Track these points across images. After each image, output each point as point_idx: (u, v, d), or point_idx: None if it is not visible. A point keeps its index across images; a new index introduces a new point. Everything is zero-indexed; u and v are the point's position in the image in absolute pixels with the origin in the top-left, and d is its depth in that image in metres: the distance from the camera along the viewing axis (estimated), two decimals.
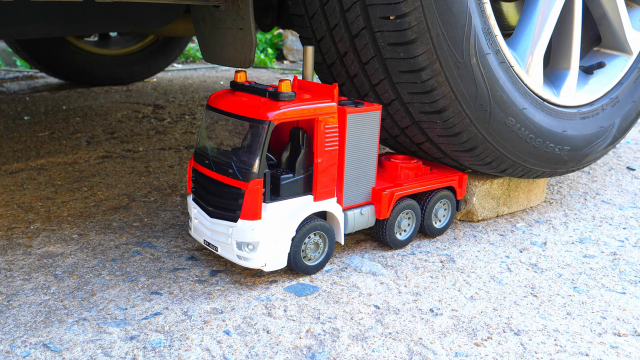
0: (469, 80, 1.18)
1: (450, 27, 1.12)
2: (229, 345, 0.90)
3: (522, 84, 1.28)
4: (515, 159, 1.32)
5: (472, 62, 1.16)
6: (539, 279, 1.15)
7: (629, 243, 1.35)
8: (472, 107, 1.20)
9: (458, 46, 1.14)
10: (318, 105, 1.05)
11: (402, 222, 1.24)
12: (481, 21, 1.17)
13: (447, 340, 0.93)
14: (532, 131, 1.31)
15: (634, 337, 0.96)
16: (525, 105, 1.28)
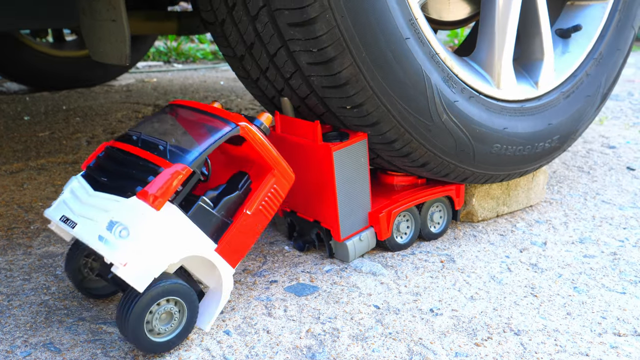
0: (445, 136, 1.16)
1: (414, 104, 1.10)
2: (229, 345, 0.90)
3: (497, 104, 1.24)
4: (511, 172, 1.34)
5: (442, 119, 1.14)
6: (539, 279, 1.15)
7: (629, 243, 1.35)
8: (454, 154, 1.19)
9: (423, 113, 1.11)
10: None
11: (401, 225, 1.24)
12: (440, 75, 1.13)
13: (447, 340, 0.93)
14: (518, 143, 1.28)
15: (634, 337, 0.96)
16: (506, 124, 1.25)
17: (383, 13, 1.01)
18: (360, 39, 0.99)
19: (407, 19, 1.05)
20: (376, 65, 1.02)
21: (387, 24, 1.02)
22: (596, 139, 2.39)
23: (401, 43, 1.04)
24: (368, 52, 1.01)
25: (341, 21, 0.97)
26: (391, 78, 1.05)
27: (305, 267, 1.17)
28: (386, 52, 1.03)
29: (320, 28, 0.97)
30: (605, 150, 2.20)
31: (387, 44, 1.02)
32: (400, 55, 1.05)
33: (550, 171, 1.88)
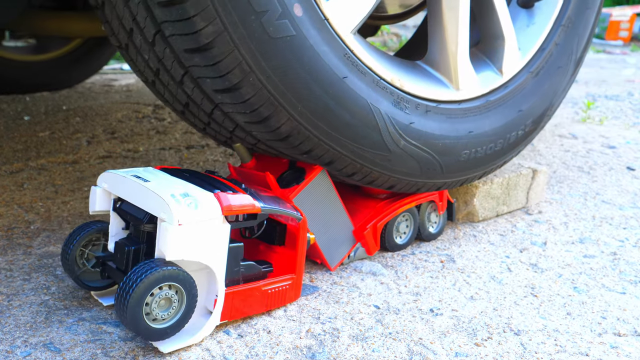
0: (407, 161, 1.11)
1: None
2: (229, 345, 0.90)
3: (459, 108, 1.17)
4: (487, 169, 1.29)
5: (400, 146, 1.08)
6: (539, 279, 1.15)
7: (629, 243, 1.34)
8: (420, 174, 1.15)
9: (378, 146, 1.06)
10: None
11: (400, 225, 1.24)
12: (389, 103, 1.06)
13: (447, 340, 0.93)
14: (488, 142, 1.23)
15: (634, 337, 0.96)
16: (471, 127, 1.19)
17: (313, 62, 0.94)
18: (293, 94, 0.93)
19: (341, 55, 0.98)
20: (316, 115, 0.97)
21: (320, 71, 0.95)
22: (596, 139, 2.39)
23: (340, 85, 0.98)
24: (305, 105, 0.95)
25: (267, 82, 0.91)
26: (336, 123, 0.99)
27: (305, 267, 1.16)
28: (325, 100, 0.97)
29: (247, 92, 0.91)
30: (605, 150, 2.20)
31: (325, 92, 0.96)
32: (341, 98, 0.98)
33: (550, 171, 1.88)
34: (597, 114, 3.02)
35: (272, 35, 0.89)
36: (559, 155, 2.09)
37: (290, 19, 0.90)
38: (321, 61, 0.95)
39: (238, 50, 0.87)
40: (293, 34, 0.90)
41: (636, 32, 10.26)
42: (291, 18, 0.90)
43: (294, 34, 0.90)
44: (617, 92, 3.89)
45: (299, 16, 0.91)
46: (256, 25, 0.87)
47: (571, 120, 2.77)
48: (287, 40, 0.90)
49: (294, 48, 0.91)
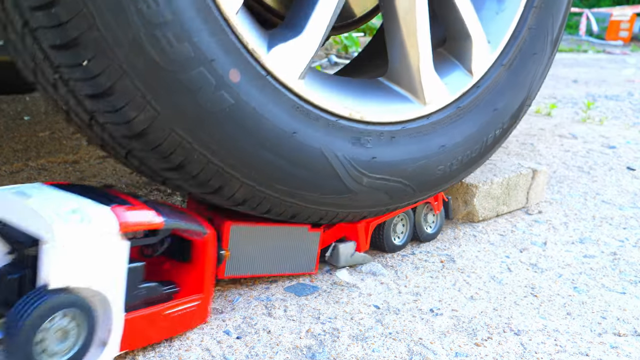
0: (374, 194, 1.07)
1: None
2: (229, 345, 0.90)
3: (428, 123, 1.10)
4: (467, 174, 1.24)
5: (364, 183, 1.03)
6: (539, 279, 1.15)
7: (629, 243, 1.35)
8: (392, 201, 1.11)
9: (340, 190, 1.02)
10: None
11: (397, 226, 1.24)
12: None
13: (447, 340, 0.93)
14: (463, 151, 1.16)
15: (634, 337, 0.96)
16: (442, 141, 1.12)
17: (257, 126, 0.88)
18: (242, 163, 0.89)
19: (289, 108, 0.92)
20: (271, 178, 0.93)
21: (267, 134, 0.89)
22: (596, 139, 2.39)
23: (290, 142, 0.92)
24: (257, 171, 0.91)
25: (213, 156, 0.87)
26: (294, 183, 0.95)
27: None
28: (277, 162, 0.92)
29: (194, 168, 0.87)
30: (605, 150, 2.20)
31: (275, 154, 0.91)
32: (294, 155, 0.93)
33: (550, 171, 1.88)
34: (597, 114, 3.02)
35: (210, 109, 0.83)
36: (559, 155, 2.09)
37: (227, 88, 0.84)
38: (266, 122, 0.89)
39: (175, 132, 0.83)
40: (232, 102, 0.85)
41: (636, 32, 10.26)
42: (228, 87, 0.84)
43: (232, 102, 0.85)
44: (617, 92, 3.89)
45: (236, 82, 0.85)
46: (191, 104, 0.82)
47: (571, 120, 2.77)
48: (227, 110, 0.85)
49: (235, 117, 0.86)
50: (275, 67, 0.90)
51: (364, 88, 1.08)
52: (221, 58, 0.82)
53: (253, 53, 0.87)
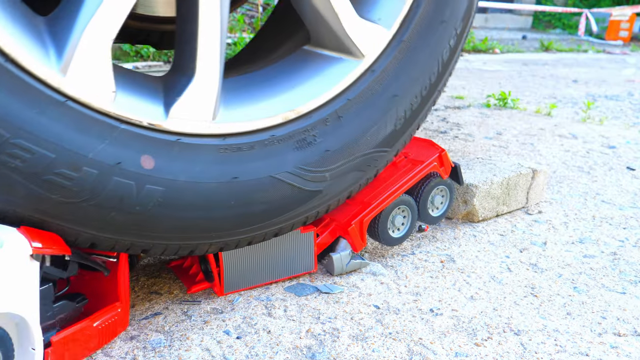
0: (341, 182, 1.01)
1: None
2: (229, 345, 0.90)
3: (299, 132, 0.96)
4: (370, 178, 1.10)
5: (328, 178, 0.99)
6: (539, 279, 1.15)
7: (629, 243, 1.35)
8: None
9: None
10: None
11: (397, 218, 1.20)
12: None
13: (447, 340, 0.93)
14: (414, 94, 1.05)
15: (634, 337, 0.96)
16: (395, 89, 1.02)
17: (191, 199, 0.87)
18: (198, 234, 0.90)
19: (216, 153, 0.88)
20: (237, 226, 0.93)
21: (205, 198, 0.88)
22: (596, 139, 2.39)
23: (235, 187, 0.89)
24: (216, 231, 0.91)
25: (188, 240, 0.89)
26: (258, 219, 0.94)
27: None
28: (232, 212, 0.91)
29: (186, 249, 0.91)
30: (605, 150, 2.20)
31: (227, 208, 0.90)
32: (245, 197, 0.91)
33: (550, 171, 1.88)
34: (597, 114, 3.02)
35: (150, 210, 0.83)
36: (559, 155, 2.09)
37: (148, 179, 0.82)
38: (199, 186, 0.86)
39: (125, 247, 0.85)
40: (162, 190, 0.83)
41: (636, 32, 10.26)
42: (147, 177, 0.82)
43: (163, 190, 0.83)
44: (617, 92, 3.89)
45: (151, 168, 0.82)
46: (123, 213, 0.82)
47: (571, 120, 2.77)
48: (162, 201, 0.83)
49: (175, 203, 0.85)
50: (183, 126, 0.84)
51: (287, 73, 0.99)
52: (127, 160, 0.79)
53: (152, 127, 0.82)
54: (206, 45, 0.85)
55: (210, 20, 0.84)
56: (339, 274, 1.13)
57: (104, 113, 0.78)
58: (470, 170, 1.48)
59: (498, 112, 2.89)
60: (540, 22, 12.67)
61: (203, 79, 0.86)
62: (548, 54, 7.17)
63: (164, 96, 0.85)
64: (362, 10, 1.01)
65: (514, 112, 2.90)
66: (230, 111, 0.90)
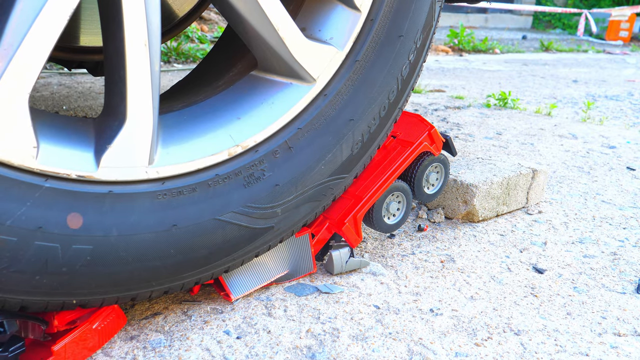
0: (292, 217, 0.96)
1: None
2: (229, 345, 0.90)
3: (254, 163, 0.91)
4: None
5: (279, 214, 0.94)
6: (539, 279, 1.15)
7: (629, 243, 1.35)
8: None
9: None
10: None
11: (391, 205, 1.17)
12: None
13: (447, 340, 0.93)
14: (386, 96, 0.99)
15: (634, 337, 0.96)
16: (350, 113, 0.97)
17: (135, 251, 0.81)
18: (144, 282, 0.85)
19: (150, 202, 0.82)
20: (179, 271, 0.88)
21: (146, 249, 0.82)
22: (596, 139, 2.39)
23: (174, 235, 0.84)
24: (156, 280, 0.86)
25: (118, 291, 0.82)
26: (203, 263, 0.89)
27: None
28: (173, 260, 0.86)
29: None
30: (605, 150, 2.20)
31: (165, 258, 0.85)
32: (188, 244, 0.85)
33: (550, 171, 1.88)
34: (597, 114, 3.02)
35: (78, 269, 0.78)
36: (559, 155, 2.09)
37: (77, 239, 0.76)
38: (137, 237, 0.80)
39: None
40: (91, 248, 0.77)
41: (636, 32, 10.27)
42: (77, 238, 0.76)
43: (91, 248, 0.77)
44: (617, 92, 3.89)
45: (78, 227, 0.76)
46: (49, 277, 0.76)
47: (571, 120, 2.77)
48: (91, 259, 0.78)
49: (106, 260, 0.80)
50: (116, 175, 0.78)
51: (233, 103, 0.93)
52: (51, 222, 0.73)
53: (81, 179, 0.76)
54: (136, 87, 0.78)
55: (139, 59, 0.77)
56: (338, 272, 1.13)
57: (25, 171, 0.70)
58: (470, 170, 1.48)
59: (498, 112, 2.89)
60: (540, 22, 12.67)
61: (135, 122, 0.78)
62: (548, 54, 7.17)
63: (94, 143, 0.78)
64: (311, 30, 0.96)
65: (514, 112, 2.90)
66: (169, 152, 0.83)
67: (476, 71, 4.85)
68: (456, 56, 6.28)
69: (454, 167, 1.49)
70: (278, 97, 0.93)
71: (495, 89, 3.77)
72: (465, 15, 11.38)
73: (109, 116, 0.80)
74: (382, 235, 1.33)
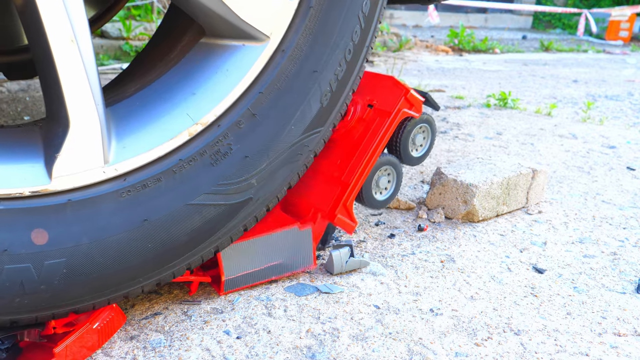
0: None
1: None
2: (229, 345, 0.90)
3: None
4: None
5: (254, 186, 0.90)
6: (539, 279, 1.15)
7: (629, 243, 1.35)
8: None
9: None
10: None
11: (381, 180, 1.14)
12: None
13: (447, 340, 0.93)
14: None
15: (634, 337, 0.96)
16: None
17: (113, 253, 0.80)
18: (108, 284, 0.82)
19: (114, 200, 0.79)
20: (171, 250, 0.86)
21: (116, 250, 0.80)
22: (596, 139, 2.39)
23: (145, 229, 0.81)
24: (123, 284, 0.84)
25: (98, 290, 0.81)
26: (189, 246, 0.88)
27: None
28: (156, 249, 0.84)
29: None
30: (605, 150, 2.20)
31: (144, 253, 0.83)
32: (167, 240, 0.84)
33: (550, 171, 1.88)
34: (597, 114, 3.02)
35: (53, 284, 0.76)
36: (559, 155, 2.09)
37: (48, 256, 0.74)
38: (111, 238, 0.78)
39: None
40: (64, 266, 0.76)
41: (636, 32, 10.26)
42: (47, 254, 0.74)
43: (64, 261, 0.76)
44: (617, 92, 3.89)
45: (44, 243, 0.74)
46: (28, 296, 0.75)
47: (571, 120, 2.77)
48: (66, 272, 0.76)
49: (79, 269, 0.78)
50: (72, 182, 0.75)
51: (185, 78, 0.87)
52: (16, 243, 0.71)
53: (36, 194, 0.72)
54: (73, 87, 0.72)
55: (69, 58, 0.72)
56: (338, 272, 1.13)
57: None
58: (470, 170, 1.48)
59: (498, 112, 2.89)
60: (540, 22, 12.67)
61: (80, 124, 0.74)
62: (548, 54, 7.17)
63: (43, 154, 0.74)
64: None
65: (514, 112, 2.90)
66: (125, 145, 0.79)
67: (476, 71, 4.85)
68: (456, 56, 6.28)
69: (454, 167, 1.49)
70: (232, 63, 0.86)
71: (495, 89, 3.77)
72: (465, 15, 11.38)
73: (52, 122, 0.76)
74: (382, 235, 1.33)
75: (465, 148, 2.14)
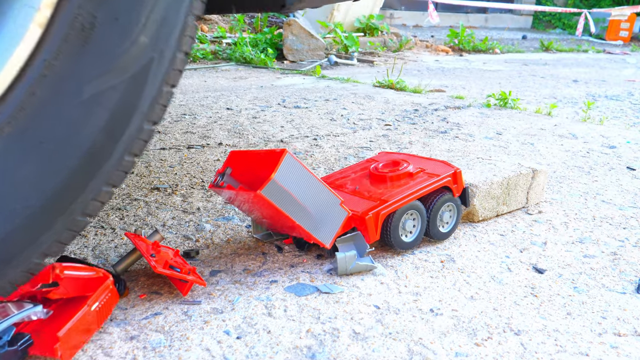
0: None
1: None
2: (229, 345, 0.90)
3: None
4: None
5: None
6: (539, 279, 1.15)
7: (629, 243, 1.34)
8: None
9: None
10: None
11: (407, 223, 1.23)
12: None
13: (447, 340, 0.93)
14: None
15: (634, 337, 0.96)
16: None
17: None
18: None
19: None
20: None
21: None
22: (596, 139, 2.38)
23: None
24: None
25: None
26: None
27: (305, 267, 1.17)
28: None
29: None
30: (606, 150, 2.20)
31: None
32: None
33: (550, 171, 1.88)
34: (597, 113, 3.02)
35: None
36: (559, 155, 2.09)
37: None
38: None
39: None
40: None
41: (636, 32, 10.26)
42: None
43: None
44: (617, 92, 3.89)
45: None
46: None
47: (571, 120, 2.77)
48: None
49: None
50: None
51: None
52: None
53: None
54: None
55: None
56: (342, 274, 1.13)
57: None
58: (470, 170, 1.48)
59: (498, 112, 2.89)
60: (540, 22, 12.67)
61: None
62: (548, 54, 7.17)
63: None
64: None
65: (514, 112, 2.90)
66: None
67: (476, 71, 4.85)
68: (456, 56, 6.28)
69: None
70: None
71: (495, 88, 3.77)
72: (465, 15, 11.38)
73: None
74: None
75: (466, 148, 2.14)
